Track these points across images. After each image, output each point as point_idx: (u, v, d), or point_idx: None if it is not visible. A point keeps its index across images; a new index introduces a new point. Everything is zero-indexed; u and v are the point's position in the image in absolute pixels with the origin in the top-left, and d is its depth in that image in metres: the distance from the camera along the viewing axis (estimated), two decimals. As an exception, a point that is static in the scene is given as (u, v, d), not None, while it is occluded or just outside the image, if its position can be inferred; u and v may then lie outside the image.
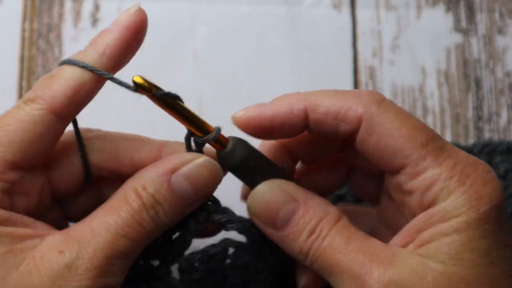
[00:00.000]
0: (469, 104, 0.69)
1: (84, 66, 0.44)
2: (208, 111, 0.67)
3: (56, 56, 0.69)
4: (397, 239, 0.45)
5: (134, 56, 0.72)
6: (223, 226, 0.47)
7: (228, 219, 0.47)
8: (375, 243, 0.44)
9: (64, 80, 0.44)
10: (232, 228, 0.47)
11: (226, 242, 0.48)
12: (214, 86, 0.69)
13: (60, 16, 0.70)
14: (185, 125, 0.46)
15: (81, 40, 0.69)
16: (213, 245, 0.48)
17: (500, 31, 0.71)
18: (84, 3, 0.70)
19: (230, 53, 0.69)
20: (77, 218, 0.49)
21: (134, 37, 0.46)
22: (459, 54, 0.70)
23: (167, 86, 0.68)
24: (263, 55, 0.54)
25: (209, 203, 0.47)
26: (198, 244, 0.50)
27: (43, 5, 0.70)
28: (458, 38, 0.71)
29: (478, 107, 0.69)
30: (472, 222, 0.42)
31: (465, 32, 0.71)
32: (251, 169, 0.47)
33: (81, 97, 0.45)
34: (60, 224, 0.49)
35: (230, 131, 0.48)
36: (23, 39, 0.69)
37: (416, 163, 0.44)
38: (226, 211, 0.47)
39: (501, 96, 0.69)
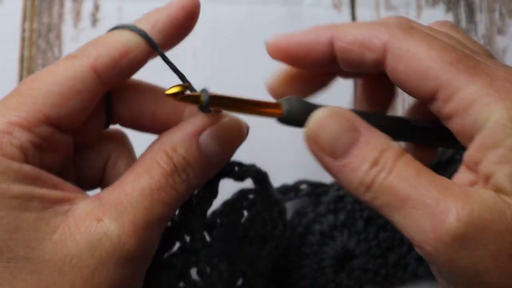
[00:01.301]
0: (469, 104, 0.69)
1: (136, 30, 0.44)
2: (208, 111, 0.67)
3: (56, 56, 0.69)
4: (460, 176, 0.41)
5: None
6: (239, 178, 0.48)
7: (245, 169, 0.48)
8: (445, 179, 0.39)
9: (111, 43, 0.43)
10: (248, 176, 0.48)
11: (242, 191, 0.49)
12: (214, 86, 0.69)
13: (60, 16, 0.70)
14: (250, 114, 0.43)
15: (81, 40, 0.69)
16: (230, 198, 0.49)
17: (500, 31, 0.71)
18: (84, 3, 0.70)
19: (230, 53, 0.69)
20: (88, 176, 0.48)
21: (186, 17, 0.45)
22: (459, 54, 0.70)
23: (167, 85, 0.68)
24: (263, 55, 0.54)
25: None
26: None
27: (43, 5, 0.70)
28: None
29: (478, 107, 0.69)
30: None
31: (465, 32, 0.71)
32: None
33: (126, 63, 0.44)
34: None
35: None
36: (23, 39, 0.69)
37: (449, 83, 0.40)
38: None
39: (501, 96, 0.69)
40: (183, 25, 0.45)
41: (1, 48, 0.69)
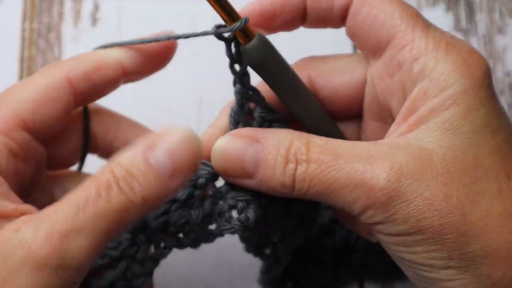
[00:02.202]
0: (469, 103, 0.69)
1: (117, 44, 0.48)
2: (208, 111, 0.67)
3: (56, 56, 0.69)
4: (393, 127, 0.44)
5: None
6: None
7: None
8: (365, 145, 0.42)
9: (86, 57, 0.47)
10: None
11: None
12: (214, 86, 0.69)
13: (60, 15, 0.70)
14: (216, 11, 0.44)
15: (81, 40, 0.69)
16: None
17: (500, 30, 0.71)
18: (84, 3, 0.70)
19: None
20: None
21: (162, 50, 0.49)
22: (459, 54, 0.70)
23: (167, 85, 0.68)
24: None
25: None
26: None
27: (43, 4, 0.70)
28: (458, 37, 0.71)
29: (478, 107, 0.69)
30: (468, 91, 0.41)
31: (465, 32, 0.71)
32: (274, 68, 0.45)
33: (98, 77, 0.46)
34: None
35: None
36: (23, 39, 0.69)
37: (405, 32, 0.43)
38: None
39: (501, 96, 0.69)
40: (157, 56, 0.49)
41: (1, 48, 0.69)
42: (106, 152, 0.50)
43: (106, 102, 0.55)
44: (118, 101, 0.65)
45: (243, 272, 0.63)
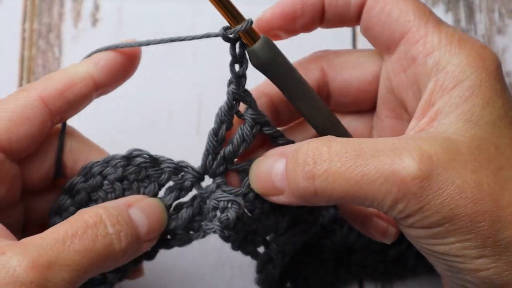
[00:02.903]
0: (468, 104, 0.69)
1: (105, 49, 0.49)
2: (208, 111, 0.67)
3: (56, 56, 0.69)
4: (413, 122, 0.44)
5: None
6: (274, 138, 0.49)
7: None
8: (388, 140, 0.42)
9: (57, 76, 0.48)
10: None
11: None
12: (214, 86, 0.69)
13: (60, 16, 0.70)
14: (220, 12, 0.46)
15: (81, 40, 0.69)
16: None
17: (500, 31, 0.71)
18: (84, 3, 0.70)
19: (230, 53, 0.69)
20: (36, 220, 0.50)
21: (127, 59, 0.49)
22: (458, 54, 0.70)
23: (167, 85, 0.68)
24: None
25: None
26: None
27: (43, 5, 0.70)
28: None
29: (477, 107, 0.69)
30: (484, 83, 0.42)
31: (465, 32, 0.71)
32: (280, 68, 0.46)
33: (72, 94, 0.47)
34: (17, 226, 0.49)
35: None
36: (23, 39, 0.69)
37: (418, 27, 0.45)
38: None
39: (501, 96, 0.69)
40: (125, 64, 0.49)
41: (1, 48, 0.69)
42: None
43: (107, 101, 0.55)
44: (119, 101, 0.65)
45: (243, 272, 0.63)
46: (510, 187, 0.40)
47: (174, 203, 0.50)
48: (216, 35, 0.45)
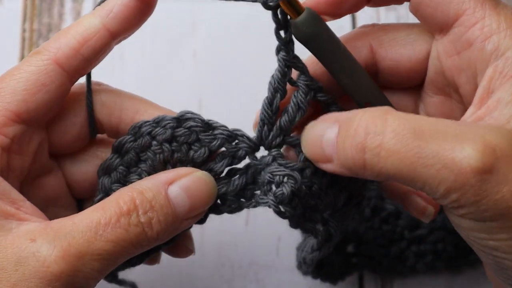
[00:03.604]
0: (469, 103, 0.69)
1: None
2: (208, 111, 0.67)
3: (56, 56, 0.69)
4: (472, 109, 0.42)
5: (135, 56, 0.73)
6: (327, 106, 0.47)
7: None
8: (449, 122, 0.39)
9: (70, 33, 0.45)
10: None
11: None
12: (214, 86, 0.69)
13: (60, 16, 0.70)
14: None
15: (81, 40, 0.69)
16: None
17: (500, 30, 0.71)
18: (84, 3, 0.70)
19: (230, 53, 0.69)
20: (78, 183, 0.49)
21: (142, 2, 0.46)
22: (459, 54, 0.70)
23: (167, 85, 0.68)
24: (263, 54, 0.54)
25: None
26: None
27: (43, 5, 0.70)
28: None
29: (478, 107, 0.69)
30: None
31: None
32: (325, 43, 0.44)
33: (87, 50, 0.45)
34: (61, 195, 0.48)
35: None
36: (23, 39, 0.69)
37: (474, 9, 0.42)
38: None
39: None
40: (139, 8, 0.46)
41: (2, 49, 0.69)
42: (113, 134, 0.49)
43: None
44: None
45: (243, 272, 0.63)
46: None
47: (227, 169, 0.48)
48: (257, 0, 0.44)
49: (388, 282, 0.64)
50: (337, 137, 0.41)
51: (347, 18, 0.71)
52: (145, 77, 0.67)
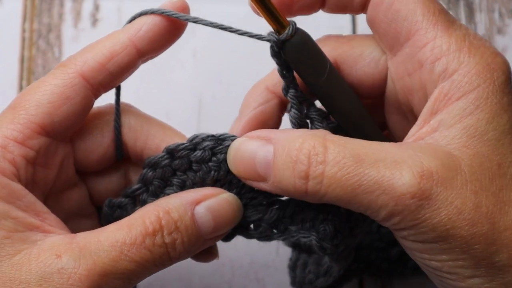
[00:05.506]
0: (468, 104, 0.69)
1: (156, 11, 0.46)
2: (208, 111, 0.67)
3: (56, 56, 0.69)
4: (414, 129, 0.43)
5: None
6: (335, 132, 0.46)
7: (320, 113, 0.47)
8: (389, 147, 0.41)
9: (97, 48, 0.45)
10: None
11: None
12: (214, 86, 0.69)
13: (60, 16, 0.70)
14: (266, 19, 0.44)
15: (81, 40, 0.69)
16: None
17: (500, 31, 0.71)
18: (84, 3, 0.70)
19: (230, 53, 0.69)
20: (101, 196, 0.49)
21: (173, 23, 0.46)
22: (458, 54, 0.70)
23: (167, 85, 0.68)
24: (263, 55, 0.54)
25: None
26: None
27: (43, 5, 0.70)
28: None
29: (477, 107, 0.69)
30: (491, 96, 0.40)
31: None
32: (311, 64, 0.44)
33: (113, 66, 0.45)
34: (84, 207, 0.49)
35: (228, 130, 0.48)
36: (23, 39, 0.69)
37: (426, 30, 0.42)
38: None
39: (501, 96, 0.69)
40: (167, 31, 0.46)
41: (1, 49, 0.69)
42: (137, 158, 0.49)
43: (107, 101, 0.55)
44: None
45: (244, 272, 0.63)
46: (509, 209, 0.39)
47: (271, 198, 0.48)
48: (263, 39, 0.44)
49: (388, 283, 0.64)
50: (274, 158, 0.42)
51: (347, 18, 0.71)
52: (145, 77, 0.67)
